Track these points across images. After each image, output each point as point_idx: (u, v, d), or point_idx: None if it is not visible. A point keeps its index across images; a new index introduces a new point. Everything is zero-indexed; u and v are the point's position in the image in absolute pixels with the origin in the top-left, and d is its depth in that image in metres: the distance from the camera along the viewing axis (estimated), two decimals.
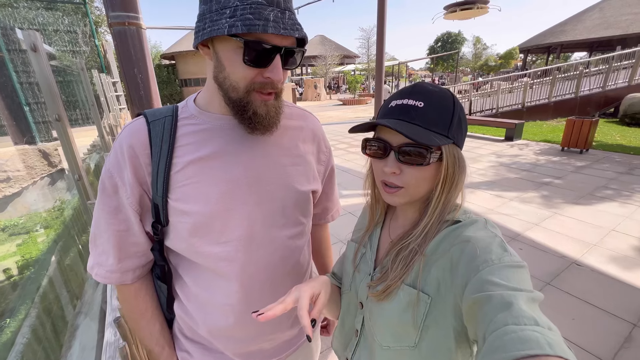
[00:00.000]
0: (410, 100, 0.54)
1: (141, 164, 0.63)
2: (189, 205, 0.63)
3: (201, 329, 0.73)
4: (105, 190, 0.64)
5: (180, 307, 0.75)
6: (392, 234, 0.66)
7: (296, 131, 0.76)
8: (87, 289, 2.19)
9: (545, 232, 3.23)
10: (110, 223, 0.65)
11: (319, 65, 29.93)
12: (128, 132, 0.65)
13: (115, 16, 1.73)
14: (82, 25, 7.72)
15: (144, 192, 0.65)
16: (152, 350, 0.76)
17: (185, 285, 0.71)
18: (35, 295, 2.37)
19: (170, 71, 25.80)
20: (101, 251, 0.67)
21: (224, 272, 0.67)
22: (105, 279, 0.68)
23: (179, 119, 0.66)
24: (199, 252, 0.66)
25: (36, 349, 1.77)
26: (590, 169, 5.15)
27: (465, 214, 0.58)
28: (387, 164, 0.56)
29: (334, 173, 0.89)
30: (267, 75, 0.58)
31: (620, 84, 10.33)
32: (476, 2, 8.12)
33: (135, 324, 0.75)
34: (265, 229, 0.68)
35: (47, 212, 4.75)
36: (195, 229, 0.64)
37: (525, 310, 0.38)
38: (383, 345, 0.60)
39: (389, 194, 0.58)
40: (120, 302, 0.75)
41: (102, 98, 5.74)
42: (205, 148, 0.64)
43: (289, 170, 0.72)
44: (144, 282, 0.73)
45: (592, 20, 20.46)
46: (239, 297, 0.69)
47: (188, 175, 0.63)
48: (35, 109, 5.20)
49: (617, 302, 2.21)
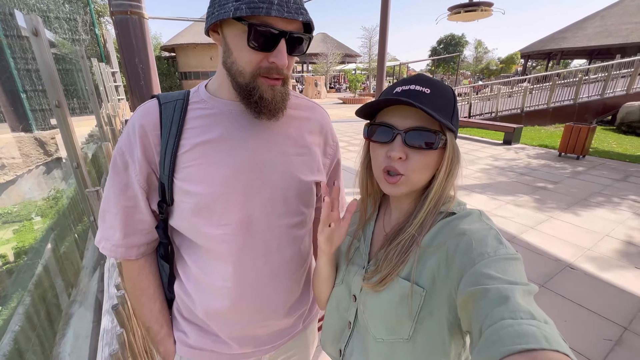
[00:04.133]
0: (417, 86, 0.54)
1: (151, 143, 0.65)
2: (192, 185, 0.64)
3: (198, 310, 0.74)
4: (116, 167, 0.67)
5: (180, 287, 0.76)
6: (386, 227, 0.66)
7: (303, 122, 0.76)
8: (83, 278, 2.18)
9: (540, 235, 3.26)
10: (118, 199, 0.67)
11: (320, 63, 29.84)
12: (141, 112, 0.67)
13: (117, 4, 1.72)
14: (83, 13, 7.63)
15: (152, 170, 0.67)
16: (150, 328, 0.77)
17: (186, 265, 0.73)
18: (29, 283, 2.35)
19: (170, 63, 25.61)
20: (109, 226, 0.70)
21: (222, 254, 0.68)
22: (111, 252, 0.70)
23: (190, 102, 0.68)
24: (200, 232, 0.67)
25: (30, 336, 1.77)
26: (586, 175, 5.19)
27: (460, 206, 0.58)
28: (393, 148, 0.54)
29: (339, 167, 0.90)
30: (272, 60, 0.59)
31: (619, 92, 10.42)
32: (480, 4, 8.13)
33: (137, 300, 0.76)
34: (264, 215, 0.69)
35: (42, 201, 4.71)
36: (197, 210, 0.65)
37: (521, 304, 0.38)
38: (377, 338, 0.60)
39: (390, 184, 0.57)
40: (125, 278, 0.78)
41: (101, 88, 5.69)
42: (212, 132, 0.66)
43: (293, 159, 0.72)
44: (148, 260, 0.75)
45: (592, 27, 20.57)
46: (236, 280, 0.70)
47: (194, 156, 0.65)
48: (32, 96, 5.13)
49: (609, 305, 2.24)
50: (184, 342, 0.77)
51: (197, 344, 0.76)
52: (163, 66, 24.50)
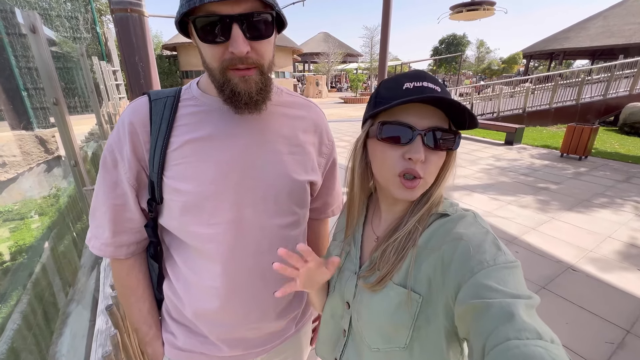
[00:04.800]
0: (429, 84, 0.51)
1: (140, 140, 0.64)
2: (182, 183, 0.63)
3: (187, 311, 0.73)
4: (106, 164, 0.66)
5: (169, 287, 0.75)
6: (376, 231, 0.64)
7: (297, 120, 0.75)
8: (81, 277, 2.17)
9: (541, 236, 3.23)
10: (108, 197, 0.66)
11: (322, 62, 29.81)
12: (131, 109, 0.66)
13: (117, 2, 1.70)
14: (84, 12, 7.63)
15: (142, 168, 0.66)
16: (139, 329, 0.76)
17: (176, 264, 0.72)
18: (27, 282, 2.35)
19: (171, 62, 25.60)
20: (98, 224, 0.69)
21: (211, 254, 0.67)
22: (100, 251, 0.69)
23: (181, 99, 0.67)
24: (189, 231, 0.66)
25: (26, 335, 1.76)
26: (588, 176, 5.16)
27: (452, 207, 0.57)
28: (415, 150, 0.49)
29: (336, 167, 0.87)
30: (230, 50, 0.55)
31: (621, 92, 10.37)
32: (482, 3, 8.09)
33: (126, 300, 0.75)
34: (255, 214, 0.67)
35: (42, 199, 4.71)
36: (186, 208, 0.64)
37: (527, 322, 0.37)
38: (372, 347, 0.58)
39: (408, 190, 0.52)
40: (114, 277, 0.76)
41: (101, 86, 5.69)
42: (202, 129, 0.65)
43: (285, 158, 0.70)
44: (138, 260, 0.74)
45: (595, 28, 20.46)
46: (225, 281, 0.68)
47: (184, 154, 0.63)
48: (33, 94, 5.13)
49: (611, 307, 2.22)
50: (172, 344, 0.76)
51: (186, 346, 0.75)
52: (164, 65, 24.50)
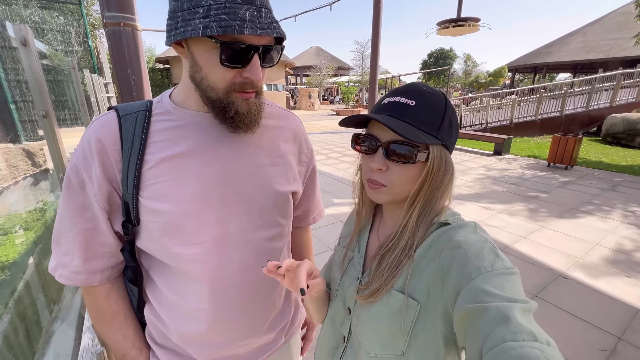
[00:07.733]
0: (403, 98, 0.54)
1: (110, 159, 0.60)
2: (160, 204, 0.60)
3: (172, 335, 0.69)
4: (70, 186, 0.61)
5: (151, 312, 0.71)
6: (380, 237, 0.65)
7: (277, 131, 0.74)
8: (66, 294, 2.10)
9: (532, 244, 3.28)
10: (75, 222, 0.61)
11: (314, 75, 30.31)
12: (97, 125, 0.61)
13: (110, 16, 1.72)
14: (77, 25, 7.65)
15: (114, 189, 0.61)
16: (127, 354, 0.71)
17: (157, 288, 0.68)
18: (9, 300, 2.25)
19: (164, 75, 25.72)
20: (65, 251, 0.63)
21: (197, 275, 0.64)
22: (70, 280, 0.63)
23: (153, 114, 0.63)
24: (171, 253, 0.63)
25: (7, 356, 1.68)
26: (575, 185, 5.29)
27: (454, 216, 0.57)
28: (375, 159, 0.56)
29: (315, 174, 0.87)
30: (245, 75, 0.57)
31: (603, 104, 10.79)
32: (468, 19, 8.41)
33: (107, 328, 0.69)
34: (240, 230, 0.66)
35: (27, 213, 4.58)
36: (167, 229, 0.61)
37: (523, 324, 0.37)
38: (370, 353, 0.58)
39: (372, 190, 0.58)
40: (88, 307, 0.69)
41: (92, 99, 5.65)
42: (179, 145, 0.62)
43: (267, 170, 0.69)
44: (115, 284, 0.69)
45: (575, 43, 21.44)
46: (212, 301, 0.65)
47: (160, 172, 0.60)
48: (22, 107, 5.07)
49: (602, 314, 2.24)
50: None
51: None
52: (157, 78, 24.60)
